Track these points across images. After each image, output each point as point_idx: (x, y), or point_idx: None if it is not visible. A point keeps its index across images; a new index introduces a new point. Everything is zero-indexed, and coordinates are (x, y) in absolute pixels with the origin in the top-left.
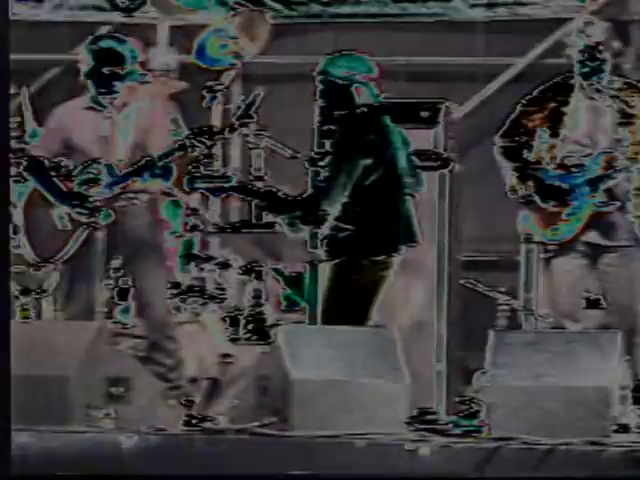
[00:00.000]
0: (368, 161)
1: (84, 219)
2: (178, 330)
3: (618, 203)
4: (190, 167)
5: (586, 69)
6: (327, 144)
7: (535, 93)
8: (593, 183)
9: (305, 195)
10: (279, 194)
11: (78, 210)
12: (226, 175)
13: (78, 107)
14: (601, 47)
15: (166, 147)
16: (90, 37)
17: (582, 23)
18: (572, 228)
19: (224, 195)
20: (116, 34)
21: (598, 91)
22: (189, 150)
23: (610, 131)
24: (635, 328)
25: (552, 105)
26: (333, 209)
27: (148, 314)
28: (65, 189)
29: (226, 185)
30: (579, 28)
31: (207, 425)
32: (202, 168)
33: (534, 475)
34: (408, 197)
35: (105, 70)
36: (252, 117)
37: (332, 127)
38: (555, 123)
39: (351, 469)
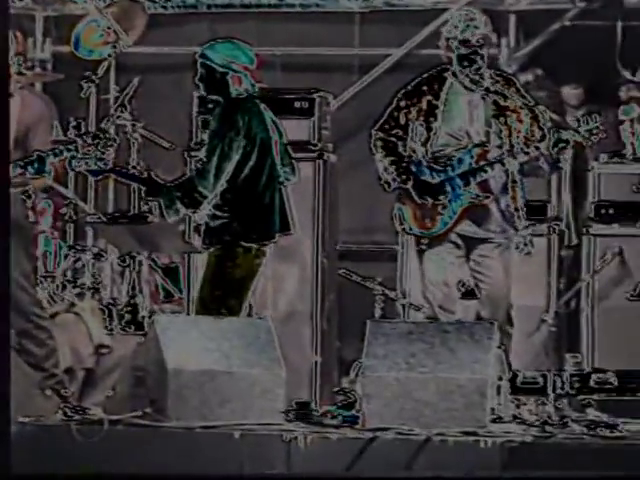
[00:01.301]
0: (243, 143)
1: None
2: (51, 320)
3: (491, 196)
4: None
5: (462, 61)
6: (205, 134)
7: (410, 86)
8: (466, 176)
9: (182, 178)
10: (157, 179)
11: None
12: (104, 158)
13: None
14: (478, 40)
15: (54, 146)
16: None
17: (460, 15)
18: (446, 221)
19: (102, 177)
20: None
21: (473, 83)
22: (84, 152)
23: (484, 124)
24: (508, 318)
25: (426, 98)
26: (209, 192)
27: (16, 304)
28: None
29: (105, 167)
30: (457, 20)
31: (83, 416)
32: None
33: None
34: (282, 186)
35: None
36: (127, 108)
37: (209, 117)
38: (429, 116)
39: (229, 460)
